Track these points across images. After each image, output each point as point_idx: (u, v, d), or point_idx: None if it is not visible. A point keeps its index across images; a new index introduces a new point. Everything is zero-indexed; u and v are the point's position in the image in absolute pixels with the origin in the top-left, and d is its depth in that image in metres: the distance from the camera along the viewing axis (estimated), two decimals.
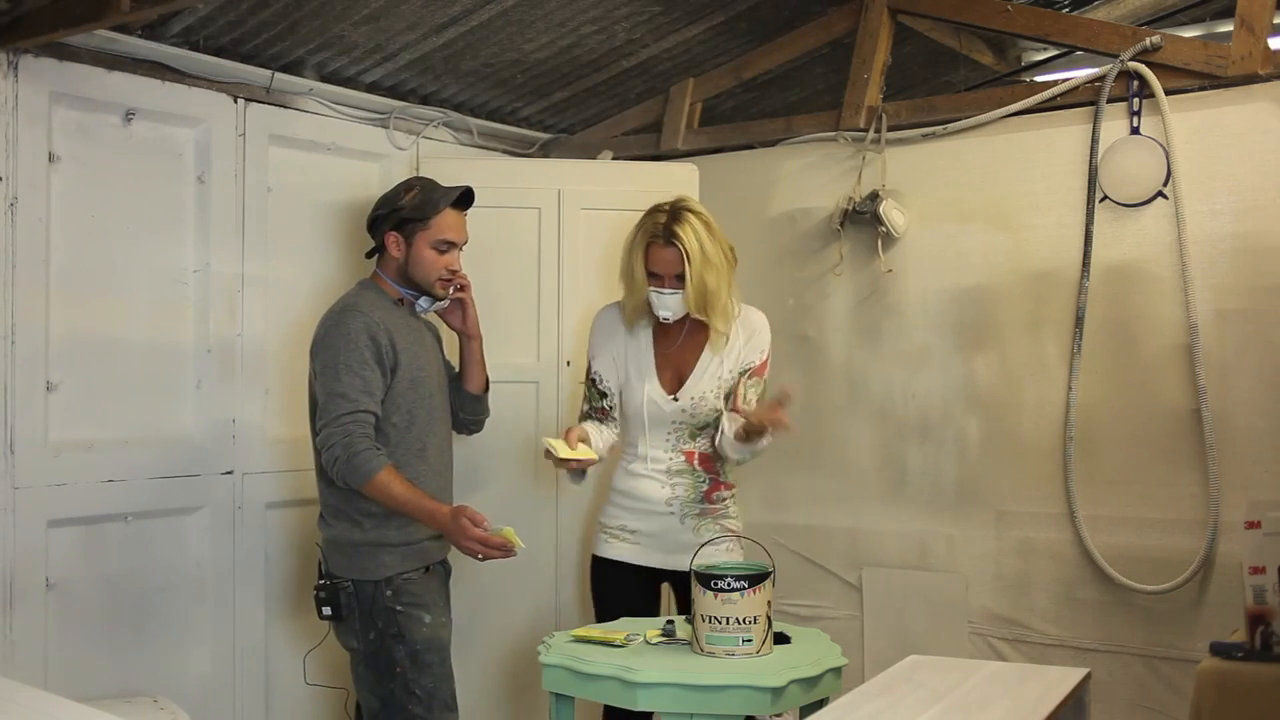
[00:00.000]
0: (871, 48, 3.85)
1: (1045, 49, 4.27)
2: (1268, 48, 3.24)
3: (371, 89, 3.85)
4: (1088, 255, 3.47)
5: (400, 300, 3.15)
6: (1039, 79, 4.20)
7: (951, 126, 3.71)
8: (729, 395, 3.16)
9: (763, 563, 2.78)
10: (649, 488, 3.18)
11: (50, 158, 3.10)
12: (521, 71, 3.95)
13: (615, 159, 4.26)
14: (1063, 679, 2.43)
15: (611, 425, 3.25)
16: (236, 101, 3.51)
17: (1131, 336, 3.44)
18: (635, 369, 3.19)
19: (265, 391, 3.59)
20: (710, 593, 2.69)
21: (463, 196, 3.13)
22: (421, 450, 3.08)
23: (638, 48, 3.94)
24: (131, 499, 3.26)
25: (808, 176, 3.97)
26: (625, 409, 3.22)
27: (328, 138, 3.77)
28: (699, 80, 4.20)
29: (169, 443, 3.38)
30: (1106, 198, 3.46)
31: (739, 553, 3.18)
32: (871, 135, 3.83)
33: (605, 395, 3.23)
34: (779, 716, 2.81)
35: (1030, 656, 3.51)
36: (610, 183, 3.99)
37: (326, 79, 3.72)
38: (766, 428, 2.97)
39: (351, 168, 3.86)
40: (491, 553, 2.88)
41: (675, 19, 3.79)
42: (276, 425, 3.61)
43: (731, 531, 3.18)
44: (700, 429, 3.18)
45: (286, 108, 3.65)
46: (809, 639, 2.90)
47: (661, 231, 3.04)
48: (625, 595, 3.14)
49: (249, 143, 3.54)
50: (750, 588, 2.68)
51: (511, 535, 2.88)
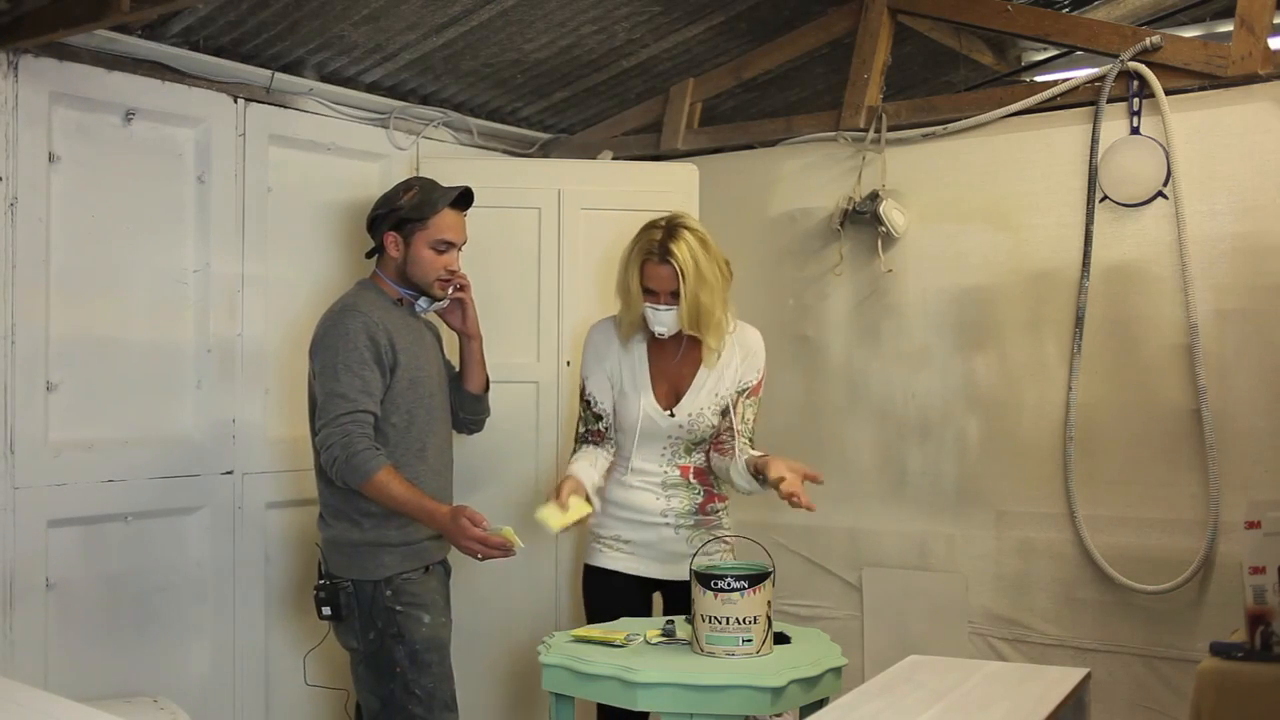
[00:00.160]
0: (871, 48, 3.85)
1: (1045, 49, 4.27)
2: (1268, 48, 3.24)
3: (371, 89, 3.85)
4: (1088, 255, 3.47)
5: (400, 300, 3.15)
6: (1039, 79, 4.20)
7: (951, 126, 3.71)
8: (725, 412, 3.16)
9: (763, 563, 2.78)
10: (644, 499, 3.17)
11: (50, 158, 3.11)
12: (521, 71, 3.95)
13: (615, 159, 4.26)
14: (1063, 679, 2.43)
15: (607, 447, 3.23)
16: (236, 101, 3.52)
17: (1131, 336, 3.43)
18: (631, 383, 3.18)
19: (265, 391, 3.59)
20: (710, 593, 2.69)
21: (462, 197, 3.13)
22: (421, 450, 3.08)
23: (638, 48, 3.94)
24: (131, 499, 3.26)
25: (808, 176, 3.97)
26: (620, 423, 3.20)
27: (328, 138, 3.77)
28: (699, 80, 4.20)
29: (169, 443, 3.38)
30: (1106, 198, 3.46)
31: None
32: (871, 135, 3.83)
33: (601, 418, 3.22)
34: (779, 716, 2.80)
35: (1030, 656, 3.50)
36: (610, 183, 3.99)
37: (326, 79, 3.72)
38: (781, 491, 2.87)
39: (351, 168, 3.86)
40: (491, 552, 2.88)
41: (675, 19, 3.79)
42: (276, 425, 3.61)
43: (726, 543, 3.18)
44: (696, 444, 3.17)
45: (286, 108, 3.65)
46: (809, 639, 2.90)
47: (657, 249, 3.03)
48: (618, 604, 3.13)
49: (249, 143, 3.54)
50: (750, 588, 2.68)
51: (511, 535, 2.87)
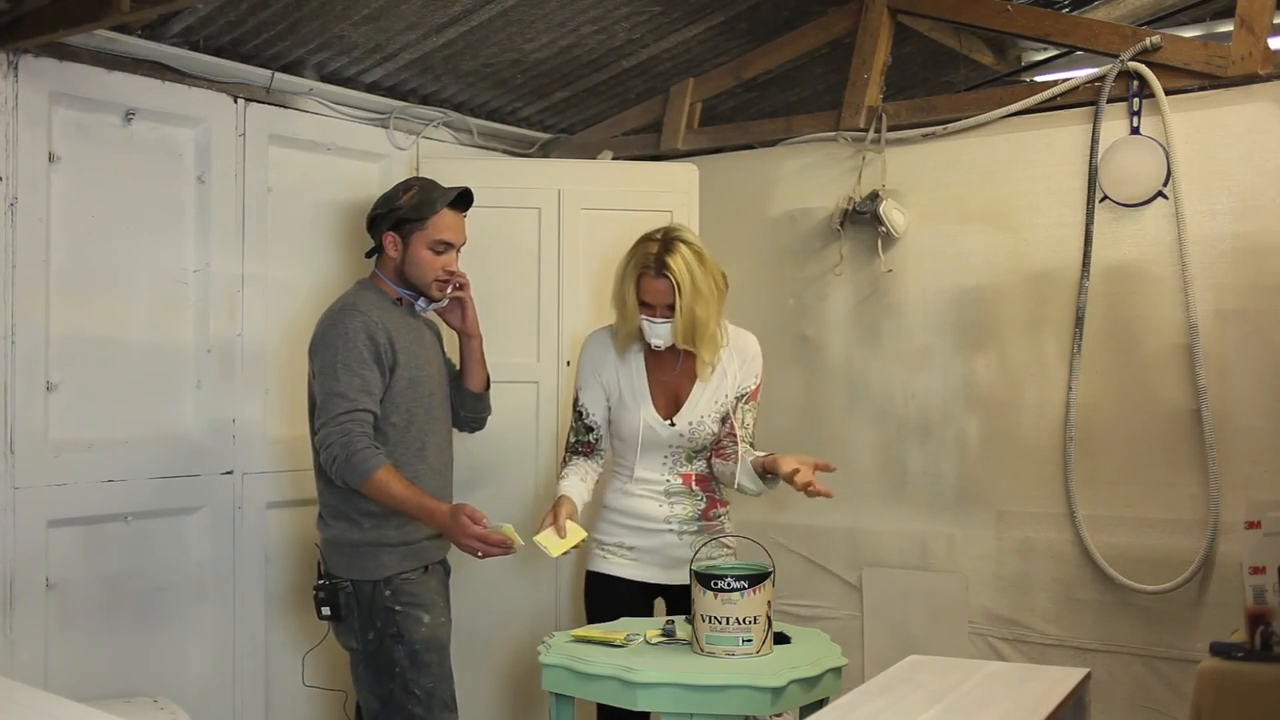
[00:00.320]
0: (871, 48, 3.85)
1: (1045, 49, 4.27)
2: (1268, 48, 3.24)
3: (371, 89, 3.85)
4: (1088, 255, 3.47)
5: (399, 300, 3.14)
6: (1039, 79, 4.20)
7: (951, 126, 3.71)
8: (725, 419, 3.16)
9: (763, 563, 2.78)
10: (647, 506, 3.17)
11: (50, 158, 3.11)
12: (521, 71, 3.95)
13: (615, 159, 4.26)
14: (1063, 679, 2.43)
15: (597, 459, 3.24)
16: (236, 101, 3.52)
17: (1131, 336, 3.43)
18: (630, 394, 3.17)
19: (265, 391, 3.59)
20: (710, 593, 2.69)
21: (461, 197, 3.12)
22: (421, 449, 3.07)
23: (638, 48, 3.94)
24: (131, 499, 3.26)
25: (808, 176, 3.97)
26: (621, 433, 3.20)
27: (328, 138, 3.77)
28: (699, 80, 4.20)
29: (169, 443, 3.38)
30: (1106, 198, 3.46)
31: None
32: (871, 135, 3.83)
33: (592, 429, 3.22)
34: (779, 716, 2.80)
35: (1030, 656, 3.50)
36: (610, 183, 3.99)
37: (326, 79, 3.72)
38: (794, 483, 2.91)
39: (351, 168, 3.86)
40: (491, 550, 2.87)
41: (675, 19, 3.79)
42: (276, 425, 3.61)
43: (728, 547, 3.18)
44: (697, 452, 3.17)
45: (286, 108, 3.65)
46: (809, 639, 2.90)
47: (653, 262, 3.02)
48: (620, 610, 3.13)
49: (249, 143, 3.54)
50: (750, 588, 2.68)
51: (511, 532, 2.87)
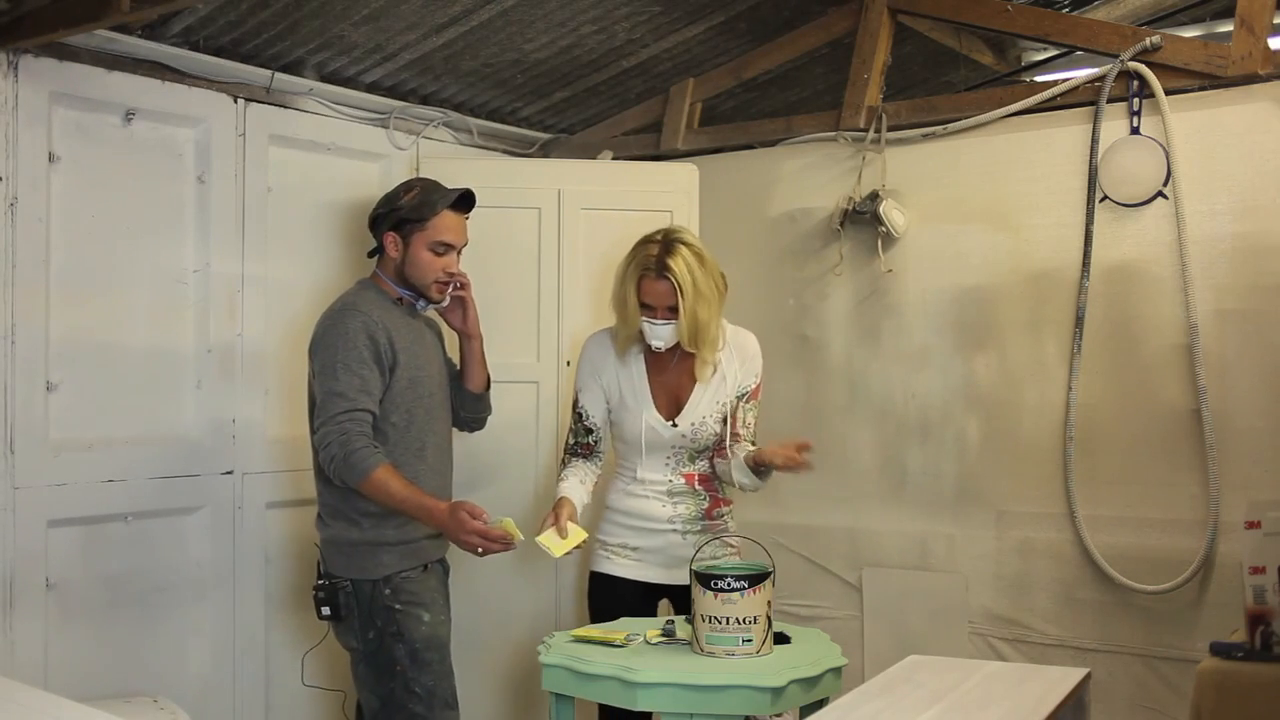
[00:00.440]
0: (871, 48, 3.85)
1: (1045, 49, 4.27)
2: (1268, 48, 3.24)
3: (371, 89, 3.85)
4: (1088, 255, 3.47)
5: (399, 300, 3.14)
6: (1039, 79, 4.20)
7: (951, 126, 3.71)
8: (726, 419, 3.16)
9: (763, 563, 2.78)
10: (650, 507, 3.18)
11: (50, 158, 3.11)
12: (521, 71, 3.95)
13: (615, 159, 4.26)
14: (1063, 679, 2.43)
15: (596, 461, 3.25)
16: (236, 101, 3.52)
17: (1131, 336, 3.43)
18: (631, 396, 3.18)
19: (265, 391, 3.59)
20: (710, 593, 2.69)
21: (463, 199, 3.11)
22: (420, 450, 3.07)
23: (638, 48, 3.94)
24: (131, 499, 3.26)
25: (808, 176, 3.97)
26: (623, 435, 3.21)
27: (328, 138, 3.77)
28: (699, 80, 4.20)
29: (169, 443, 3.38)
30: (1106, 198, 3.46)
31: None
32: (871, 135, 3.83)
33: (591, 431, 3.23)
34: (779, 716, 2.80)
35: (1030, 656, 3.50)
36: (610, 183, 3.99)
37: (326, 79, 3.72)
38: (781, 467, 2.97)
39: (351, 168, 3.86)
40: (491, 546, 2.85)
41: (675, 19, 3.79)
42: (276, 425, 3.61)
43: (732, 546, 3.18)
44: (699, 452, 3.17)
45: (286, 108, 3.65)
46: (809, 639, 2.90)
47: (654, 264, 3.03)
48: (624, 610, 3.13)
49: (249, 143, 3.54)
50: (750, 588, 2.68)
51: (511, 526, 2.85)
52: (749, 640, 2.68)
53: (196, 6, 3.14)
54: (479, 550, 2.87)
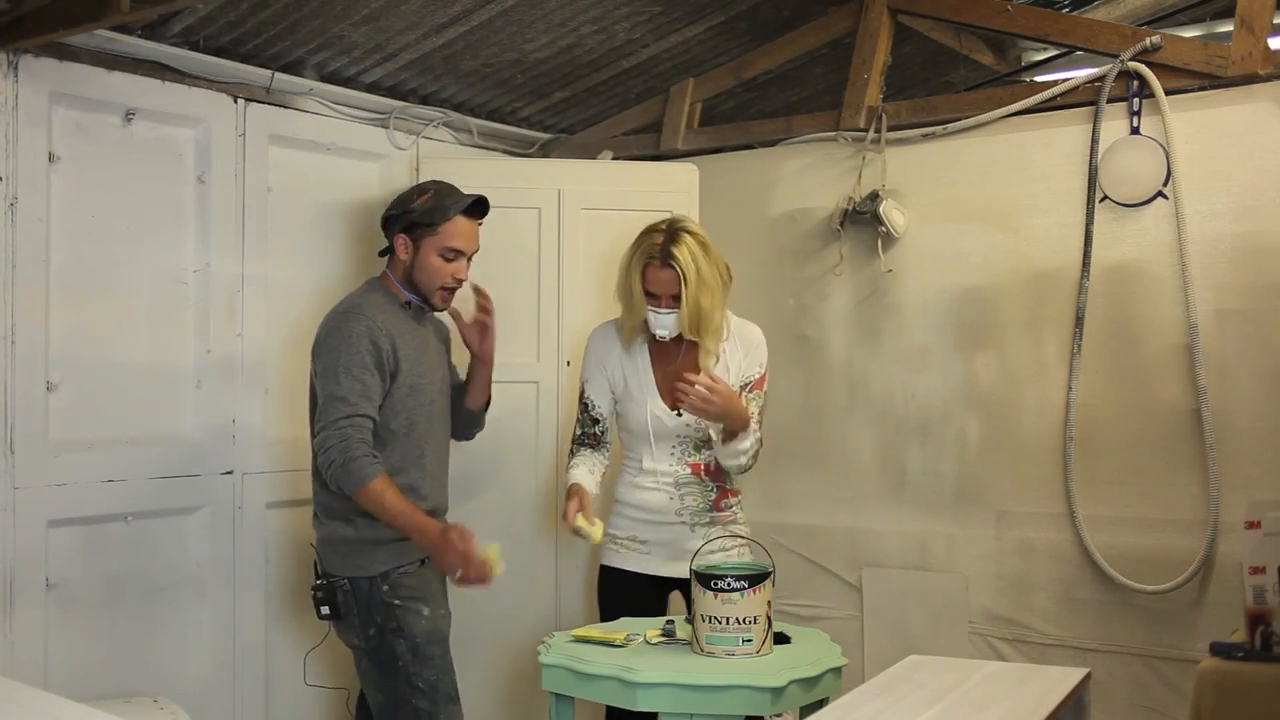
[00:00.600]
0: (871, 48, 3.85)
1: (1045, 49, 4.26)
2: (1268, 48, 3.24)
3: (371, 89, 3.85)
4: (1088, 255, 3.47)
5: (407, 303, 3.11)
6: (1039, 79, 4.19)
7: (951, 126, 3.71)
8: None
9: (763, 563, 2.78)
10: (658, 499, 3.18)
11: (50, 158, 3.11)
12: (521, 71, 3.95)
13: (615, 159, 4.26)
14: (1063, 679, 2.43)
15: (604, 450, 3.28)
16: (236, 101, 3.52)
17: (1131, 336, 3.43)
18: (636, 386, 3.19)
19: (265, 391, 3.59)
20: (710, 593, 2.69)
21: (476, 204, 3.08)
22: (420, 456, 3.06)
23: (638, 48, 3.94)
24: (131, 499, 3.26)
25: (808, 176, 3.97)
26: (628, 425, 3.22)
27: (328, 138, 3.77)
28: (699, 80, 4.20)
29: (169, 443, 3.38)
30: (1106, 198, 3.46)
31: (749, 557, 3.18)
32: (871, 135, 3.83)
33: (598, 421, 3.25)
34: (779, 716, 2.81)
35: (1030, 656, 3.50)
36: (610, 183, 3.99)
37: (326, 79, 3.72)
38: (686, 405, 2.97)
39: (351, 168, 3.86)
40: (469, 573, 2.81)
41: (675, 19, 3.80)
42: (276, 425, 3.61)
43: (741, 536, 3.18)
44: (704, 441, 3.18)
45: (286, 108, 3.65)
46: (809, 639, 2.90)
47: (659, 253, 3.04)
48: (634, 604, 3.14)
49: (249, 143, 3.54)
50: (750, 588, 2.68)
51: (495, 555, 2.83)
52: (749, 640, 2.68)
53: (196, 6, 3.14)
54: (457, 575, 2.85)
